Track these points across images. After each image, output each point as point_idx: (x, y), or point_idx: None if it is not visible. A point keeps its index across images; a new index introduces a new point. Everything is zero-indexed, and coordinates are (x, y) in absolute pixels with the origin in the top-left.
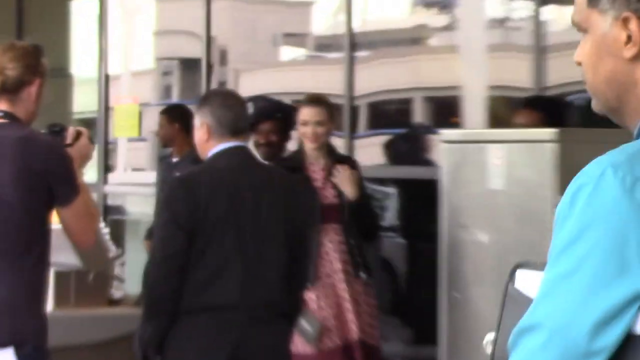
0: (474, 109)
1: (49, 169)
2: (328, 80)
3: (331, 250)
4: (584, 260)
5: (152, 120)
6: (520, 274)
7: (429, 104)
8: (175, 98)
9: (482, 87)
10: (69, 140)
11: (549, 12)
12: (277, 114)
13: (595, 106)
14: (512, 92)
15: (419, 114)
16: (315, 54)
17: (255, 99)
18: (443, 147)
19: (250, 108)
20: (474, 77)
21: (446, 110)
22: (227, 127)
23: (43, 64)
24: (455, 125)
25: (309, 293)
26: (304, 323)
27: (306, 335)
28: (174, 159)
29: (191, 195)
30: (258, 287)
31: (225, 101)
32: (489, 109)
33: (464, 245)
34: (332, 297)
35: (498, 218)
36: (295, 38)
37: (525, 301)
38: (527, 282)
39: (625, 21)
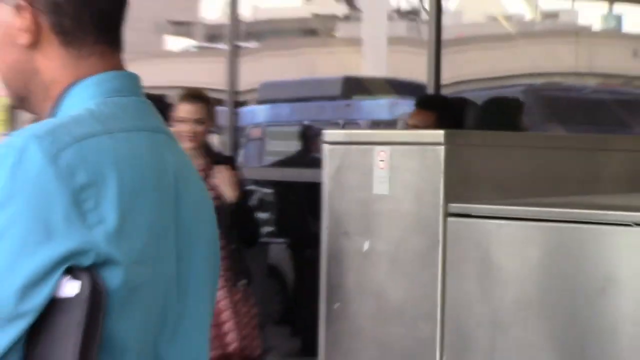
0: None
1: None
2: (213, 73)
3: None
4: (9, 228)
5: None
6: None
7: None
8: None
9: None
10: None
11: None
12: None
13: (9, 97)
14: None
15: (313, 112)
16: (202, 44)
17: None
18: (326, 148)
19: None
20: (372, 70)
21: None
22: None
23: None
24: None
25: None
26: None
27: None
28: None
29: None
30: None
31: None
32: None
33: (346, 253)
34: None
35: (383, 225)
36: (181, 27)
37: None
38: None
39: (19, 9)
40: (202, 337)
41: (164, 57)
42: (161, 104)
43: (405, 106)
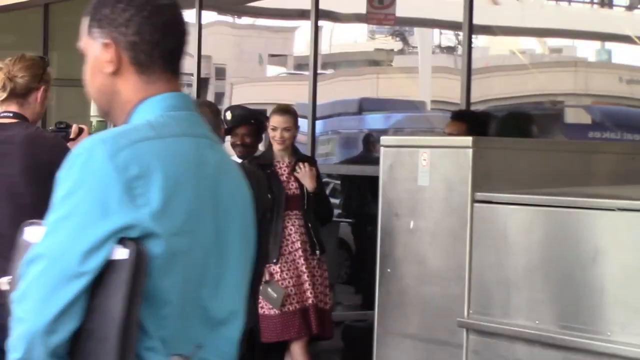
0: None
1: (54, 161)
2: (299, 93)
3: (293, 232)
4: (77, 208)
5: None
6: (28, 229)
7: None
8: None
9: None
10: (72, 135)
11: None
12: (251, 120)
13: (97, 111)
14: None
15: (336, 123)
16: (292, 71)
17: (233, 108)
18: (383, 150)
19: (229, 115)
20: (421, 92)
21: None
22: None
23: (48, 73)
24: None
25: (274, 267)
26: (270, 290)
27: (271, 300)
28: None
29: None
30: None
31: (207, 108)
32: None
33: (396, 230)
34: (292, 270)
35: (425, 209)
36: (277, 58)
37: (29, 246)
38: (33, 234)
39: (106, 46)
40: (238, 294)
41: (264, 81)
42: (261, 115)
43: (396, 119)
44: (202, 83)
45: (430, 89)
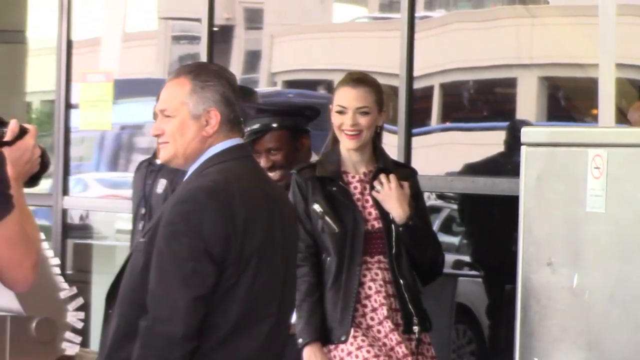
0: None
1: None
2: (389, 52)
3: (373, 293)
4: None
5: None
6: None
7: (543, 86)
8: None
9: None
10: (8, 136)
11: None
12: (281, 122)
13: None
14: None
15: (522, 102)
16: (377, 15)
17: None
18: (525, 151)
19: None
20: (590, 41)
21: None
22: (235, 117)
23: None
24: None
25: (339, 351)
26: None
27: None
28: (158, 160)
29: (227, 214)
30: (281, 337)
31: (232, 81)
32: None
33: (550, 289)
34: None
35: (599, 253)
36: None
37: None
38: None
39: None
40: None
41: (328, 32)
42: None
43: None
44: (222, 34)
45: (612, 43)
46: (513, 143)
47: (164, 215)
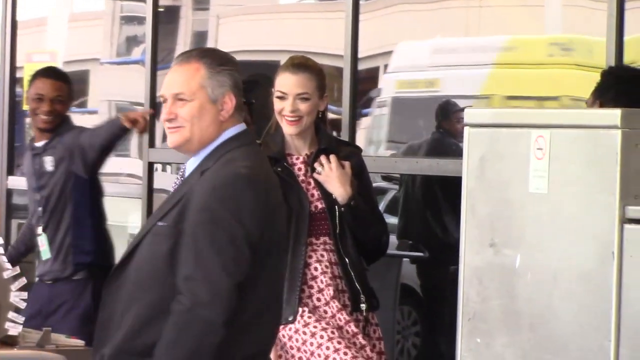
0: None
1: None
2: (331, 34)
3: (319, 273)
4: None
5: None
6: None
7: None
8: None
9: None
10: None
11: None
12: None
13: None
14: None
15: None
16: None
17: None
18: (467, 132)
19: None
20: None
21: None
22: (241, 103)
23: None
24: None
25: (288, 331)
26: None
27: None
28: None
29: (262, 199)
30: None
31: (239, 67)
32: None
33: (492, 270)
34: (319, 337)
35: (541, 234)
36: None
37: None
38: None
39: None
40: None
41: (273, 13)
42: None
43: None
44: (168, 15)
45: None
46: (446, 124)
47: (195, 200)
